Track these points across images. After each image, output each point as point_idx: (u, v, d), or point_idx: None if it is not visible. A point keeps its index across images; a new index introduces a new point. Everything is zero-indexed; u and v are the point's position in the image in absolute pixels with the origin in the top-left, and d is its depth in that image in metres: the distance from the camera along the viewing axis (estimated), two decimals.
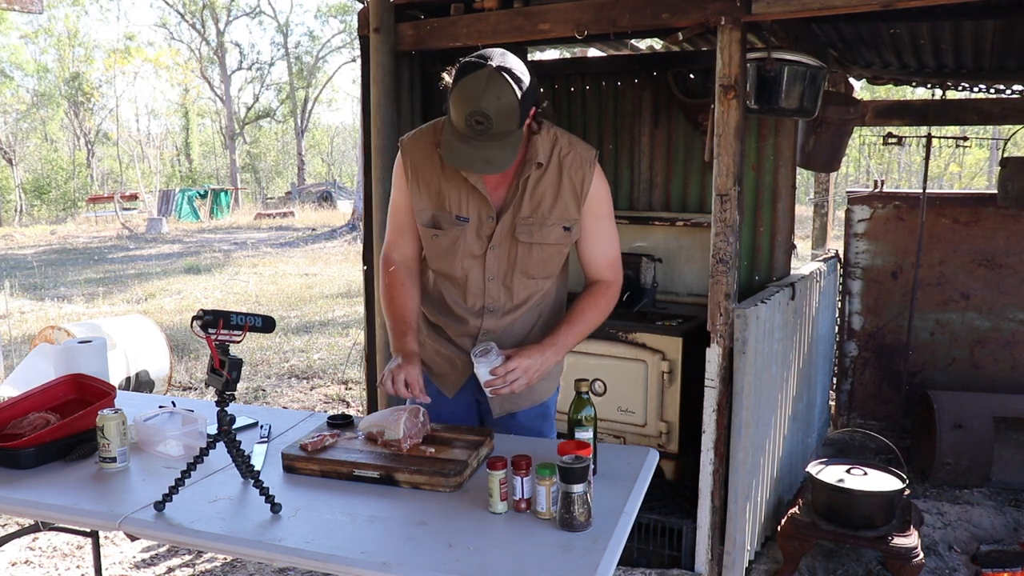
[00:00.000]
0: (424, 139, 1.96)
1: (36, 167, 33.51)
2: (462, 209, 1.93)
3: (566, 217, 1.93)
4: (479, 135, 1.70)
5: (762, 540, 3.22)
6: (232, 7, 35.14)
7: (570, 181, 1.91)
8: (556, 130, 1.94)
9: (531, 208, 1.91)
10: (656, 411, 3.30)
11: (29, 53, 33.26)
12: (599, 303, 1.99)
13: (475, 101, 1.67)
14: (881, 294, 4.59)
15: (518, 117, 1.71)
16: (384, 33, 3.15)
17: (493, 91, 1.67)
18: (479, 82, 1.67)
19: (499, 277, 1.98)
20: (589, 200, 1.92)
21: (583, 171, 1.91)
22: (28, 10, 3.88)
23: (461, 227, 1.93)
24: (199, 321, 1.63)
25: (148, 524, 1.60)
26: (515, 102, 1.68)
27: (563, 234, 1.94)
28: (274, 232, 19.06)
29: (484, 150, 1.73)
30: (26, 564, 3.21)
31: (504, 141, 1.73)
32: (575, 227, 1.94)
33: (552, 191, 1.91)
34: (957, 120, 5.17)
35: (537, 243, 1.93)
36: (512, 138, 1.74)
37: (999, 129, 6.47)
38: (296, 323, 8.29)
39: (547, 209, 1.92)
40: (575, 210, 1.93)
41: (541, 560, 1.44)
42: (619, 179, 4.00)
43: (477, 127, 1.68)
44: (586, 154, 1.93)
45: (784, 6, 2.54)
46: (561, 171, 1.91)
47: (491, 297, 2.00)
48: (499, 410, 2.09)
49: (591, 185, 1.92)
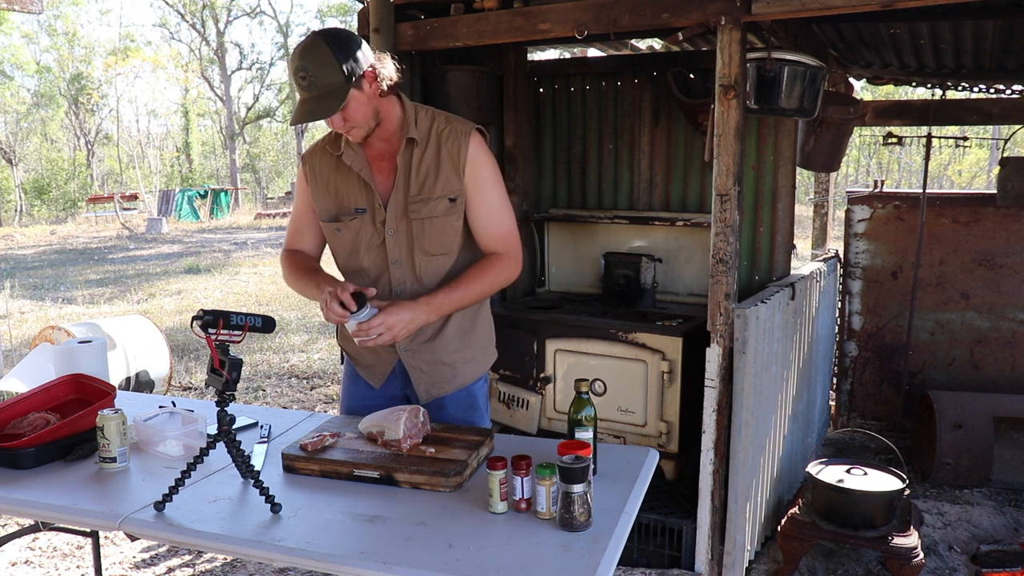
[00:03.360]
0: (319, 146, 2.15)
1: (36, 167, 33.51)
2: (358, 201, 2.07)
3: (449, 190, 2.02)
4: (308, 90, 1.87)
5: (762, 540, 3.22)
6: (232, 7, 35.15)
7: (448, 154, 2.01)
8: (435, 111, 2.08)
9: (418, 186, 2.02)
10: (656, 411, 3.30)
11: (29, 53, 33.28)
12: (486, 274, 2.03)
13: (296, 60, 1.88)
14: (881, 294, 4.59)
15: (337, 68, 1.85)
16: (384, 33, 3.15)
17: (310, 50, 1.86)
18: (301, 45, 1.89)
19: (401, 259, 2.06)
20: (468, 170, 2.02)
21: (459, 143, 2.02)
22: (28, 10, 3.88)
23: (359, 218, 2.07)
24: (199, 321, 1.63)
25: (148, 524, 1.60)
26: (330, 54, 1.85)
27: (449, 206, 2.03)
28: (274, 232, 19.06)
29: (309, 103, 1.88)
30: (26, 564, 3.21)
31: (329, 94, 1.87)
32: (459, 198, 2.03)
33: (433, 166, 2.02)
34: (957, 120, 5.16)
35: (427, 218, 2.02)
36: (338, 91, 1.87)
37: (999, 129, 6.46)
38: (296, 323, 8.29)
39: (431, 184, 2.02)
40: (457, 182, 2.02)
41: (541, 560, 1.44)
42: (619, 179, 4.00)
43: (302, 83, 1.87)
44: (462, 127, 2.04)
45: (784, 6, 2.54)
46: (440, 146, 2.02)
47: (397, 281, 2.08)
48: (425, 395, 2.15)
49: (468, 155, 2.01)
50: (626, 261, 3.76)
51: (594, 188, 4.06)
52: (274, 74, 38.08)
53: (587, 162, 4.06)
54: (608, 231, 3.96)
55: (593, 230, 3.99)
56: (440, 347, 2.12)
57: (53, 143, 35.47)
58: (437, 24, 3.14)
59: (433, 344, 2.11)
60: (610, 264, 3.80)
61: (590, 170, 4.06)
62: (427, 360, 2.12)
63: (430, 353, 2.12)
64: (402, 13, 3.21)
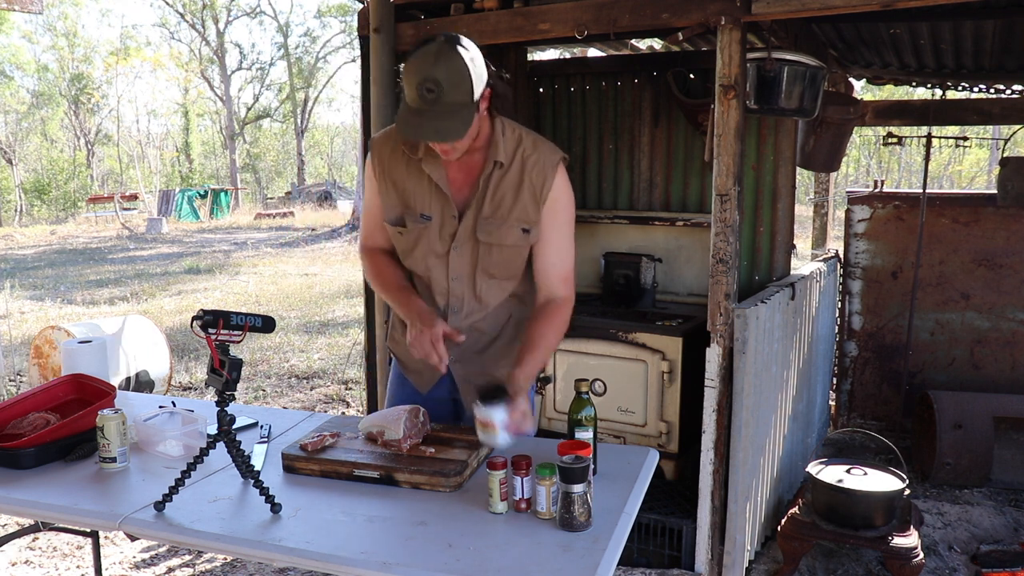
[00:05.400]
0: (392, 137, 1.96)
1: (36, 167, 33.51)
2: (426, 207, 1.94)
3: (525, 219, 1.92)
4: (431, 104, 1.70)
5: (762, 540, 3.22)
6: (232, 7, 35.16)
7: (530, 183, 1.90)
8: (522, 130, 1.94)
9: (492, 208, 1.91)
10: (656, 411, 3.30)
11: (30, 53, 33.28)
12: (555, 323, 1.96)
13: (426, 69, 1.68)
14: (881, 294, 4.59)
15: (470, 87, 1.70)
16: (384, 33, 3.15)
17: (443, 59, 1.68)
18: (430, 52, 1.69)
19: (462, 277, 1.98)
20: (548, 203, 1.91)
21: (544, 173, 1.90)
22: (28, 10, 3.88)
23: (424, 225, 1.94)
24: (199, 321, 1.63)
25: (148, 524, 1.60)
26: (465, 69, 1.69)
27: (522, 236, 1.93)
28: (274, 232, 19.06)
29: (435, 120, 1.71)
30: (26, 564, 3.21)
31: (456, 113, 1.72)
32: (534, 230, 1.93)
33: (513, 192, 1.90)
34: (957, 120, 5.16)
35: (496, 243, 1.93)
36: (464, 112, 1.72)
37: (999, 129, 6.46)
38: (296, 323, 8.29)
39: (507, 210, 1.91)
40: (534, 212, 1.92)
41: (541, 560, 1.44)
42: (619, 179, 4.00)
43: (428, 95, 1.69)
44: (550, 157, 1.92)
45: (784, 6, 2.54)
46: (523, 172, 1.90)
47: (455, 296, 1.99)
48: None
49: (551, 188, 1.91)
50: (626, 261, 3.76)
51: (594, 188, 4.06)
52: (274, 74, 38.14)
53: (587, 162, 4.06)
54: (608, 231, 3.96)
55: (593, 230, 3.99)
56: (490, 359, 2.06)
57: (53, 143, 35.47)
58: (437, 24, 3.14)
59: (483, 356, 2.06)
60: (610, 264, 3.80)
61: (590, 170, 4.06)
62: (477, 371, 2.05)
63: (480, 365, 2.06)
64: (402, 13, 3.21)
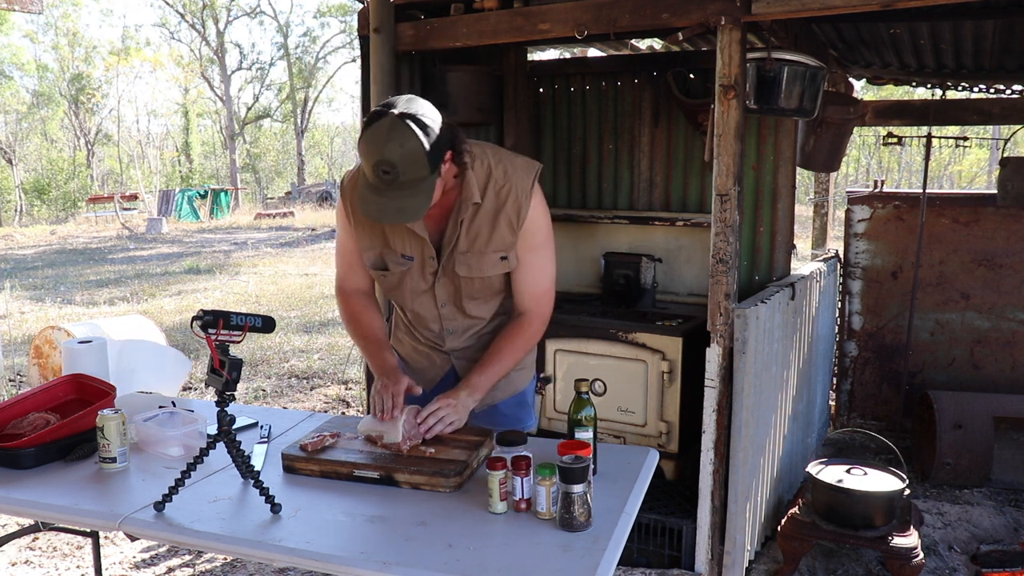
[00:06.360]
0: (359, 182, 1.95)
1: (36, 167, 33.51)
2: (406, 248, 1.94)
3: (502, 248, 1.92)
4: (389, 185, 1.66)
5: (762, 540, 3.22)
6: (232, 7, 35.16)
7: (506, 214, 1.90)
8: (490, 160, 1.89)
9: (468, 243, 1.91)
10: (656, 411, 3.30)
11: (30, 53, 33.28)
12: (517, 342, 1.98)
13: (379, 151, 1.63)
14: (881, 294, 4.59)
15: (426, 163, 1.66)
16: (384, 33, 3.15)
17: (396, 139, 1.62)
18: (382, 131, 1.63)
19: (449, 303, 2.02)
20: (524, 229, 1.92)
21: (519, 203, 1.89)
22: (28, 10, 3.88)
23: (407, 265, 1.95)
24: (199, 321, 1.63)
25: (148, 524, 1.60)
26: (420, 148, 1.63)
27: (500, 263, 1.94)
28: (274, 232, 19.05)
29: (396, 199, 1.68)
30: (26, 564, 3.21)
31: (416, 188, 1.68)
32: (511, 255, 1.94)
33: (488, 225, 1.90)
34: (957, 120, 5.17)
35: (476, 276, 1.94)
36: (425, 184, 1.69)
37: (999, 129, 6.46)
38: (296, 323, 8.29)
39: (484, 242, 1.91)
40: (511, 238, 1.92)
41: (541, 560, 1.44)
42: (619, 179, 4.00)
43: (385, 177, 1.64)
44: (523, 183, 1.89)
45: (784, 6, 2.54)
46: (497, 204, 1.89)
47: (448, 320, 2.04)
48: (480, 404, 2.11)
49: (527, 216, 1.90)
50: (626, 261, 3.76)
51: (594, 188, 4.06)
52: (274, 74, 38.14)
53: (587, 162, 4.06)
54: (608, 231, 3.96)
55: (593, 230, 3.99)
56: None
57: (53, 143, 35.47)
58: (437, 24, 3.14)
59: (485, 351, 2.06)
60: (610, 264, 3.80)
61: (590, 170, 4.06)
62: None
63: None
64: (402, 13, 3.21)
